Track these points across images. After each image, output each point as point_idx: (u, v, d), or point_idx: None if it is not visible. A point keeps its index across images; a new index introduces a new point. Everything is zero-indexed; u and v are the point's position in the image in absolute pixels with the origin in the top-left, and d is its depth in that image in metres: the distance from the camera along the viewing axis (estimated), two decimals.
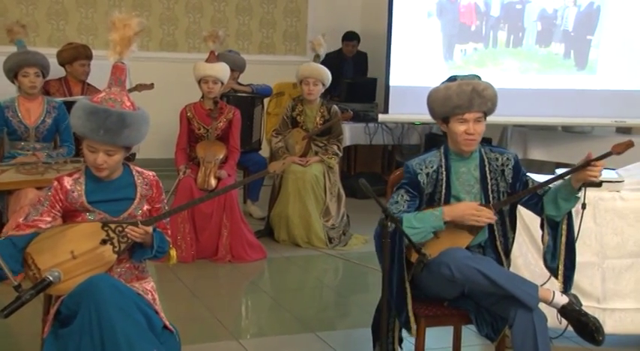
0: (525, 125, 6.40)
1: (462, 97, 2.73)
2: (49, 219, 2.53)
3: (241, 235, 4.80)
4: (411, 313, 2.74)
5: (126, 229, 2.50)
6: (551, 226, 2.84)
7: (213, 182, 4.75)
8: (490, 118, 2.84)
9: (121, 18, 2.54)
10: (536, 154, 6.35)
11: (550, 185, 2.81)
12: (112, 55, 2.55)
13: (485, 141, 2.94)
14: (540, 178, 3.12)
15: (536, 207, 2.85)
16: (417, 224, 2.70)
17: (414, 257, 2.61)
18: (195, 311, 3.89)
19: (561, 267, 2.83)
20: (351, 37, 7.64)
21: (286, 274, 4.78)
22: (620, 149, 2.69)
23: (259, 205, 5.94)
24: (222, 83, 4.97)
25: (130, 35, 2.54)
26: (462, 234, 2.78)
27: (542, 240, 2.87)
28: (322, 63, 5.40)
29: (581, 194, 2.75)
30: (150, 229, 2.52)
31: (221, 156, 4.88)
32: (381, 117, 6.24)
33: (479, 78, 2.81)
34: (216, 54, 5.12)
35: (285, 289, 4.46)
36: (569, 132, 6.33)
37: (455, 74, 2.86)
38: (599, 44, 5.92)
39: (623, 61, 5.90)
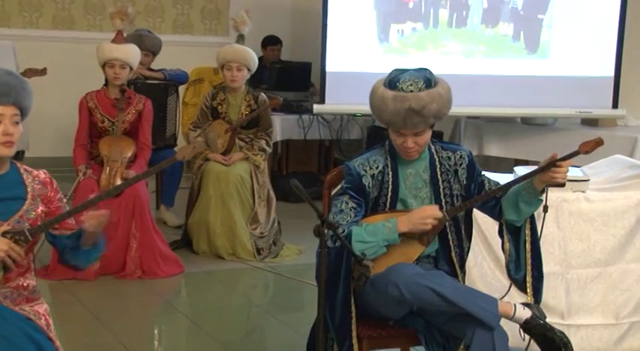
0: (480, 117, 6.51)
1: (395, 116, 2.69)
2: None
3: (153, 246, 4.75)
4: (355, 340, 2.74)
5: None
6: (510, 231, 2.88)
7: None
8: None
9: None
10: (493, 149, 6.47)
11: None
12: None
13: (435, 135, 2.96)
14: (498, 176, 3.17)
15: (494, 211, 2.90)
16: (369, 238, 2.69)
17: (355, 270, 2.61)
18: (98, 337, 3.83)
19: (529, 278, 2.87)
20: (274, 41, 7.64)
21: (207, 292, 4.75)
22: (588, 148, 2.74)
23: (175, 212, 5.88)
24: (132, 68, 4.92)
25: None
26: (413, 244, 2.79)
27: (503, 248, 2.91)
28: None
29: (543, 196, 2.80)
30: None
31: (129, 154, 4.82)
32: (317, 108, 6.26)
33: (430, 73, 2.75)
34: (124, 34, 5.06)
35: (205, 309, 4.44)
36: (530, 124, 6.47)
37: (398, 67, 2.79)
38: (552, 24, 6.04)
39: (577, 44, 6.03)
